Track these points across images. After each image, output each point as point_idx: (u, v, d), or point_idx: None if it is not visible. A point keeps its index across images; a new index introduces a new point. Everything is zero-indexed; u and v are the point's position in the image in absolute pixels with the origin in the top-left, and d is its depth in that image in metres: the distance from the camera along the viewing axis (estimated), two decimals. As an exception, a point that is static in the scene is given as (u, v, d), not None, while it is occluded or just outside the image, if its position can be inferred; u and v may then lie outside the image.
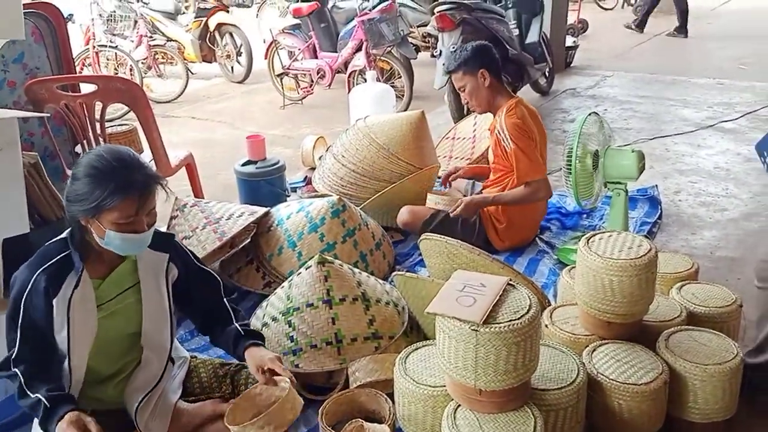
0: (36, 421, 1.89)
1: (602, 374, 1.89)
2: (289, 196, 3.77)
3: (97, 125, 2.99)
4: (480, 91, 3.07)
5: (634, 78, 7.02)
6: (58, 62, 3.06)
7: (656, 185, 3.88)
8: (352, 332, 2.25)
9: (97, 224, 1.73)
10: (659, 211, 3.59)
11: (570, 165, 2.79)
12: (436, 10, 4.91)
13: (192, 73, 7.47)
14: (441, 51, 4.89)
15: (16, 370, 1.73)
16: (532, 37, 5.67)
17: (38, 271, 1.75)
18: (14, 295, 1.76)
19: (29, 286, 1.74)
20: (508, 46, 5.06)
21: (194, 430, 1.96)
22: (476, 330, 1.62)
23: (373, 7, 5.86)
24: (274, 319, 2.34)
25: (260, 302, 2.62)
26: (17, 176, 2.09)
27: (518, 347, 1.64)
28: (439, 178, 3.85)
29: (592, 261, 1.95)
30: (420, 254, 3.11)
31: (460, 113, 4.95)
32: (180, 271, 1.97)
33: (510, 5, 5.69)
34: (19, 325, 1.74)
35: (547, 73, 6.20)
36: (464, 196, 3.45)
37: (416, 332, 2.42)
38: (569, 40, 7.68)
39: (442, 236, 2.38)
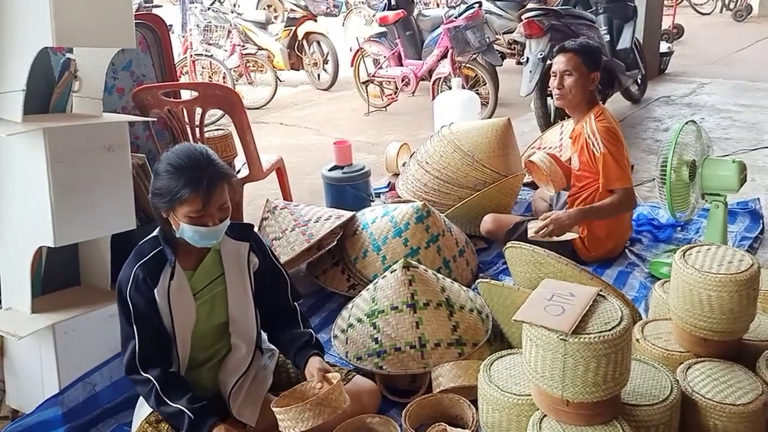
0: (138, 406, 2.03)
1: (697, 393, 1.81)
2: (373, 201, 3.83)
3: (197, 130, 3.15)
4: (584, 88, 2.98)
5: (734, 86, 6.67)
6: (162, 70, 3.24)
7: (758, 198, 3.67)
8: (436, 337, 2.26)
9: (173, 217, 1.85)
10: (761, 225, 3.40)
11: (665, 175, 2.69)
12: (523, 16, 4.86)
13: (280, 81, 7.71)
14: (528, 58, 4.83)
15: (149, 375, 1.84)
16: (623, 43, 5.50)
17: (136, 267, 1.88)
18: (120, 293, 1.90)
19: (130, 282, 1.87)
20: (598, 53, 4.94)
21: (281, 424, 2.04)
22: (565, 340, 1.60)
23: (459, 15, 5.87)
24: (360, 320, 2.39)
25: (345, 303, 2.68)
26: (126, 176, 2.24)
27: (608, 359, 1.60)
28: (524, 187, 3.81)
29: (688, 275, 1.87)
30: (504, 263, 3.09)
31: (546, 121, 4.87)
32: (259, 261, 2.07)
33: (601, 11, 5.54)
34: (133, 319, 1.87)
35: (639, 81, 6.00)
36: (549, 206, 3.38)
37: (500, 341, 2.41)
38: (663, 46, 7.40)
39: (529, 245, 2.35)
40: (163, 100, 3.02)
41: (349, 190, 3.73)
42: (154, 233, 1.95)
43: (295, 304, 2.14)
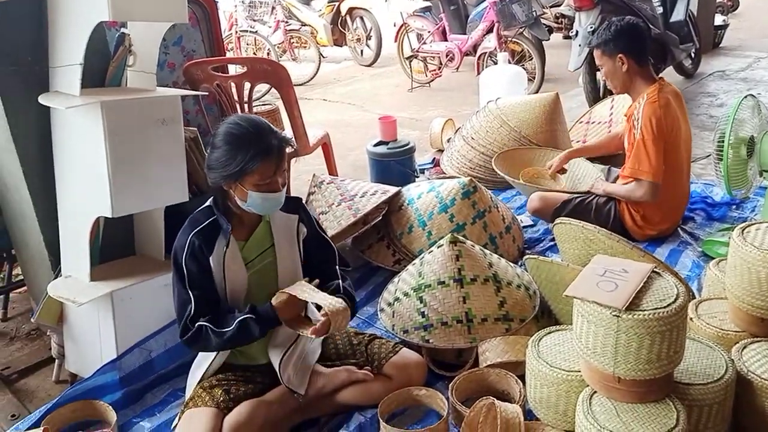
0: (192, 371, 2.10)
1: (753, 373, 1.77)
2: (418, 177, 3.82)
3: (245, 105, 3.19)
4: (616, 74, 2.93)
5: (794, 59, 6.40)
6: (211, 45, 3.27)
7: (818, 176, 3.53)
8: (483, 312, 2.26)
9: (240, 188, 1.88)
10: (821, 204, 3.27)
11: (721, 152, 2.61)
12: (574, -12, 4.74)
13: (323, 57, 7.72)
14: (577, 31, 4.71)
15: (200, 323, 1.89)
16: (677, 15, 5.32)
17: (191, 234, 1.92)
18: (175, 260, 1.95)
19: (186, 248, 1.92)
20: (650, 26, 4.79)
21: (329, 394, 2.08)
22: (618, 316, 1.58)
23: (507, -13, 5.75)
24: (406, 294, 2.40)
25: (390, 278, 2.69)
26: (180, 149, 2.28)
27: (663, 337, 1.57)
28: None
29: (747, 253, 1.82)
30: (551, 240, 3.07)
31: (595, 96, 4.76)
32: (308, 230, 2.11)
33: (654, -19, 5.36)
34: (187, 285, 1.91)
35: (693, 55, 5.80)
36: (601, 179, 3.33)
37: (547, 317, 2.39)
38: (718, 19, 7.13)
39: (579, 221, 2.32)
40: (212, 75, 3.06)
41: (394, 165, 3.73)
42: (207, 203, 1.99)
43: (337, 268, 2.15)
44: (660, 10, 5.23)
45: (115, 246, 2.45)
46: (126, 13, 2.05)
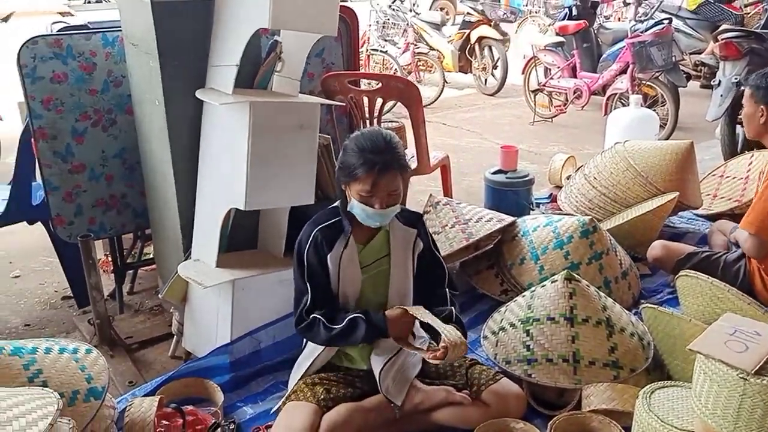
0: (296, 367, 2.18)
1: None
2: (533, 209, 3.77)
3: (375, 119, 3.29)
4: (753, 120, 2.79)
5: None
6: (349, 60, 3.42)
7: None
8: (592, 355, 2.20)
9: (349, 191, 1.98)
10: None
11: None
12: (720, 36, 4.52)
13: (447, 82, 7.80)
14: (720, 81, 4.49)
15: (314, 315, 2.00)
16: (832, 74, 4.94)
17: (316, 229, 2.03)
18: (299, 251, 2.06)
19: (309, 241, 2.03)
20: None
21: (425, 412, 2.09)
22: (746, 379, 1.49)
23: (647, 30, 5.59)
24: (513, 325, 2.37)
25: (495, 307, 2.68)
26: (312, 154, 2.40)
27: (794, 410, 1.47)
28: (700, 218, 3.56)
29: None
30: (670, 292, 2.94)
31: (732, 150, 4.51)
32: (424, 245, 2.15)
33: (809, 38, 5.02)
34: (306, 276, 2.01)
35: None
36: (728, 241, 3.14)
37: (659, 371, 2.28)
38: None
39: (707, 276, 2.21)
40: (348, 88, 3.18)
41: (510, 195, 3.70)
42: (334, 204, 2.09)
43: (448, 290, 2.18)
44: (814, 67, 4.88)
45: (240, 237, 2.59)
46: (284, 22, 2.19)
